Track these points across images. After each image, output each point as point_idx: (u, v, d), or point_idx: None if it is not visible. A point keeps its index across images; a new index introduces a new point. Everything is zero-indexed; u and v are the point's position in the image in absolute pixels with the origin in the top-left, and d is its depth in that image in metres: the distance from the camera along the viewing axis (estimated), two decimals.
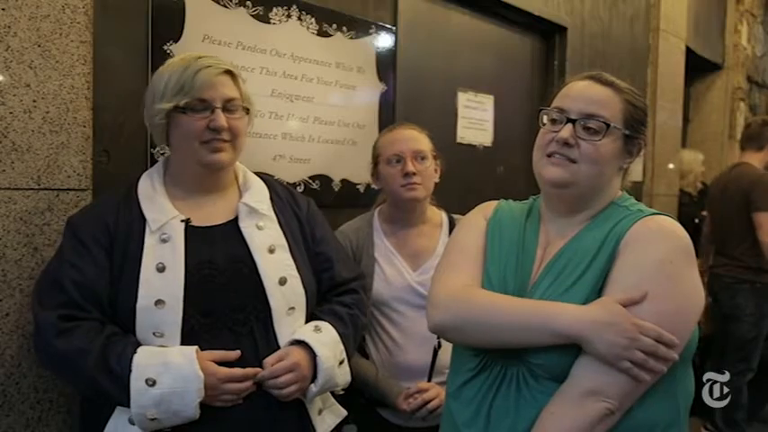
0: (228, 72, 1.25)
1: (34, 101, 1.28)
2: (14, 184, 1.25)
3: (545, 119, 1.12)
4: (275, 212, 1.33)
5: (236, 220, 1.28)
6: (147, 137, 1.53)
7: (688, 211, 3.93)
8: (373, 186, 2.17)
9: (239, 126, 1.25)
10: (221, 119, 1.21)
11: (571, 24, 3.12)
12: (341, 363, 1.31)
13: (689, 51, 4.32)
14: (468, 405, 1.08)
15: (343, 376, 1.32)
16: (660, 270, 0.98)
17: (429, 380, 1.57)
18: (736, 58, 5.28)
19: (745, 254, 3.14)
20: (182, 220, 1.21)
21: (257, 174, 1.40)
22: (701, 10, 4.70)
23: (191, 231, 1.22)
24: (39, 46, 1.28)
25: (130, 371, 1.09)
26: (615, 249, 1.01)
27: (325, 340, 1.27)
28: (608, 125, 1.05)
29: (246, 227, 1.27)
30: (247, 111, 1.29)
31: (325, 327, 1.30)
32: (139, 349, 1.12)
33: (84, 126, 1.37)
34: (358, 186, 2.12)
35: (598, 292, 1.00)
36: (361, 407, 1.57)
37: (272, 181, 1.43)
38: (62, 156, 1.33)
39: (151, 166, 1.52)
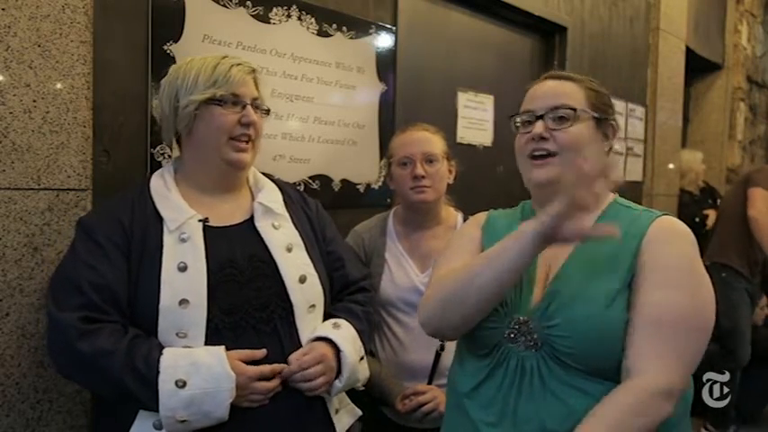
0: (253, 72, 1.28)
1: (34, 101, 1.28)
2: (14, 184, 1.25)
3: (517, 122, 1.18)
4: (288, 212, 1.34)
5: (251, 219, 1.28)
6: (147, 137, 1.53)
7: (688, 210, 3.93)
8: (373, 187, 2.17)
9: (261, 125, 1.28)
10: (252, 114, 1.24)
11: (571, 24, 3.12)
12: (361, 358, 1.32)
13: (689, 51, 4.31)
14: (489, 406, 1.06)
15: (363, 371, 1.33)
16: (685, 266, 1.02)
17: (430, 382, 1.57)
18: (736, 58, 5.28)
19: (726, 242, 3.18)
20: (199, 220, 1.21)
21: (264, 174, 1.40)
22: (700, 10, 4.70)
23: (209, 231, 1.21)
24: (39, 46, 1.28)
25: (158, 372, 1.07)
26: (638, 248, 1.03)
27: (346, 336, 1.28)
28: (574, 110, 1.10)
29: (263, 226, 1.27)
30: (267, 111, 1.31)
31: (344, 324, 1.31)
32: (165, 350, 1.10)
33: (84, 126, 1.36)
34: (358, 186, 2.12)
35: (628, 286, 1.01)
36: (364, 404, 1.58)
37: (281, 182, 1.44)
38: (62, 156, 1.32)
39: (151, 165, 1.53)
